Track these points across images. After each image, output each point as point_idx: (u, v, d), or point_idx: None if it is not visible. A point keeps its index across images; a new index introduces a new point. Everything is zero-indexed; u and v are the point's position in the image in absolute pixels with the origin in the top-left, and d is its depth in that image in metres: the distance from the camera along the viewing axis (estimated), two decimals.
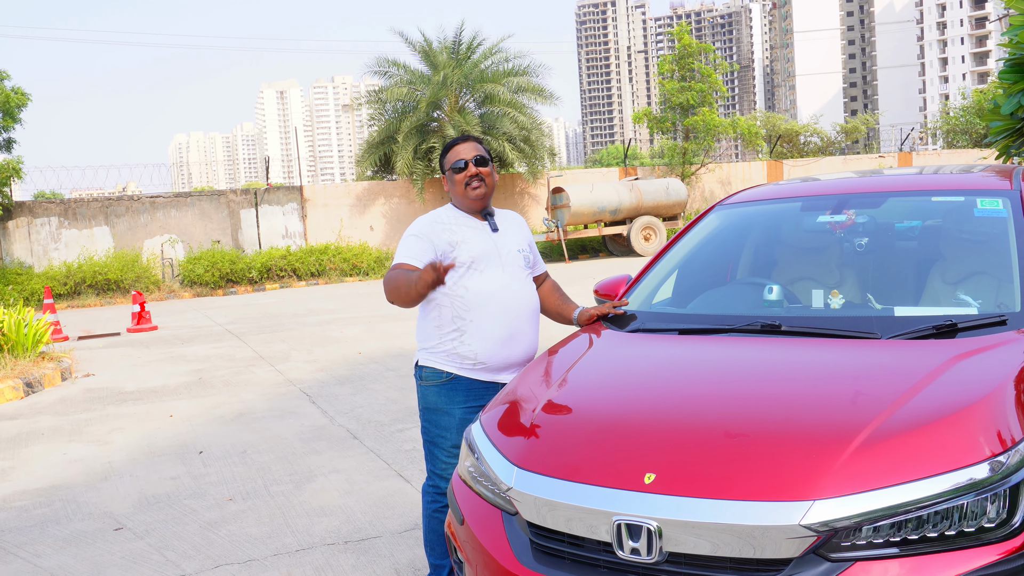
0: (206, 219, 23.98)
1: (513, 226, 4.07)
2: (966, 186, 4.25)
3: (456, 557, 3.21)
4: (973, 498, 2.45)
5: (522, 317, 3.91)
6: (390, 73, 26.65)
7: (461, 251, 3.82)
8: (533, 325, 3.99)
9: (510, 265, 3.91)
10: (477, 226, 3.93)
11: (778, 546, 2.47)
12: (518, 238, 4.03)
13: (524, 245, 4.03)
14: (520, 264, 3.96)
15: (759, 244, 4.57)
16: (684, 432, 2.85)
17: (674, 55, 30.72)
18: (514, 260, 3.95)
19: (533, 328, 3.99)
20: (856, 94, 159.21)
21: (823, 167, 32.34)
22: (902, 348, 3.18)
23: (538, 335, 4.05)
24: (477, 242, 3.86)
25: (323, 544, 4.89)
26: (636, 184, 25.34)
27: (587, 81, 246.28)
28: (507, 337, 3.85)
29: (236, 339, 13.33)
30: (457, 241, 3.83)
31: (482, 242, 3.87)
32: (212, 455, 6.84)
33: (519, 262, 3.96)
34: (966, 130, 39.92)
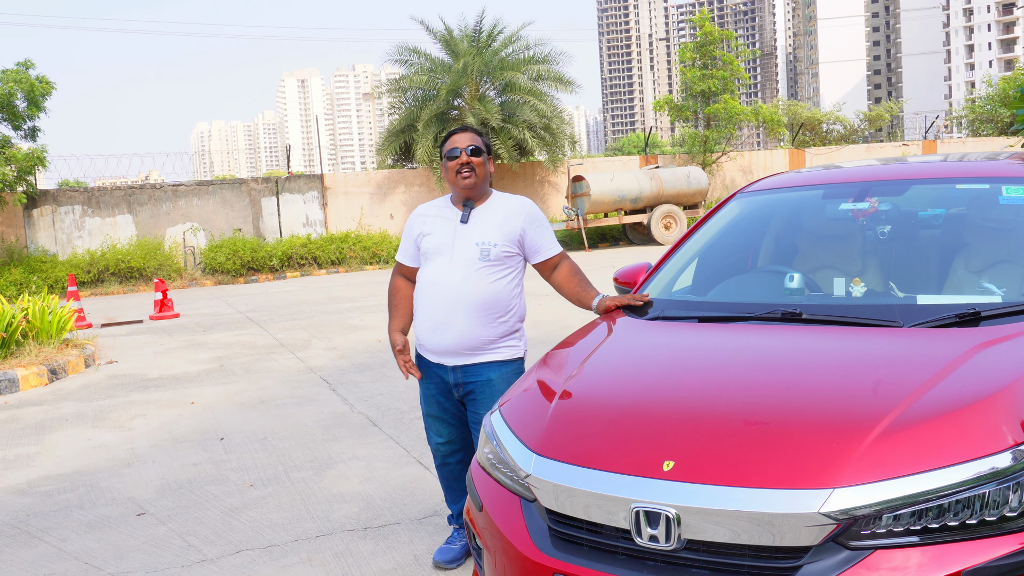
0: (227, 207, 24.08)
1: (495, 217, 4.16)
2: (991, 173, 4.20)
3: (475, 543, 3.22)
4: (995, 487, 2.43)
5: (455, 309, 4.06)
6: (411, 61, 26.64)
7: (424, 242, 4.21)
8: (471, 317, 4.06)
9: (460, 257, 4.08)
10: (451, 217, 4.20)
11: (797, 534, 2.47)
12: (491, 231, 4.11)
13: (494, 237, 4.10)
14: (472, 256, 4.07)
15: (780, 232, 4.54)
16: (703, 419, 2.84)
17: (695, 43, 30.53)
18: (466, 252, 4.08)
19: (471, 319, 4.06)
20: (880, 81, 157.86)
21: (846, 155, 32.11)
22: (924, 336, 3.15)
23: (484, 326, 4.08)
24: (438, 234, 4.17)
25: (343, 530, 4.92)
26: (657, 172, 25.24)
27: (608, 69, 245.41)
28: (436, 324, 4.12)
29: (257, 327, 13.40)
30: (425, 233, 4.21)
31: (443, 234, 4.16)
32: (233, 441, 6.88)
33: (472, 254, 4.07)
34: (992, 118, 39.49)
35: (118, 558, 4.72)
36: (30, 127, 22.07)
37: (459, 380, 4.16)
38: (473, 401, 4.15)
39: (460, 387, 4.17)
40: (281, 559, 4.57)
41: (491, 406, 4.02)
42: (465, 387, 4.16)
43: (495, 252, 4.09)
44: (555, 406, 3.13)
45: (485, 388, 4.11)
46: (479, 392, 4.12)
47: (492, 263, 4.09)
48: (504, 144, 25.10)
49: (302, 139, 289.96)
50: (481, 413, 4.11)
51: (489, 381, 4.11)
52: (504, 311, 4.14)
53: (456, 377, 4.16)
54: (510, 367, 4.17)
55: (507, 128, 25.18)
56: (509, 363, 4.18)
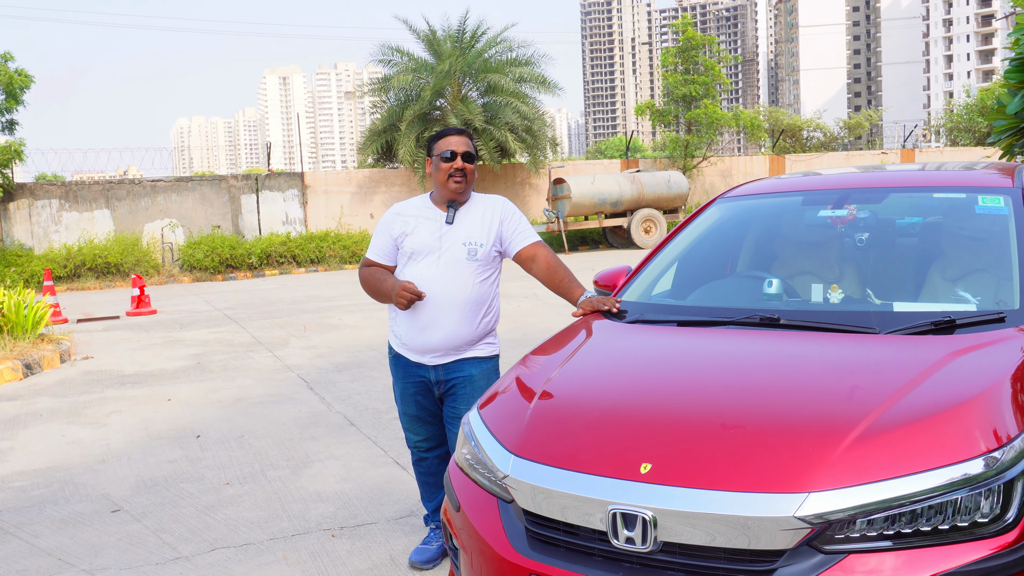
0: (207, 204, 23.96)
1: (477, 216, 4.21)
2: (968, 183, 4.25)
3: (452, 543, 3.22)
4: (967, 493, 2.46)
5: (443, 308, 4.10)
6: (394, 61, 26.58)
7: (406, 243, 4.17)
8: (460, 317, 4.12)
9: (447, 257, 4.11)
10: (434, 218, 4.19)
11: (772, 537, 2.49)
12: (475, 230, 4.17)
13: (479, 237, 4.16)
14: (460, 256, 4.12)
15: (760, 237, 4.57)
16: (681, 423, 2.86)
17: (678, 48, 30.65)
18: (454, 252, 4.13)
19: (459, 319, 4.12)
20: (860, 90, 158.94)
21: (825, 162, 32.30)
22: (900, 343, 3.18)
23: (473, 326, 4.15)
24: (422, 235, 4.15)
25: (319, 529, 4.91)
26: (637, 176, 25.31)
27: (591, 72, 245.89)
28: (424, 325, 4.13)
29: (235, 324, 13.34)
30: (407, 233, 4.18)
31: (427, 235, 4.15)
32: (210, 439, 6.85)
33: (459, 254, 4.12)
34: (969, 128, 39.84)
35: (92, 555, 4.69)
36: (8, 120, 21.90)
37: (441, 378, 4.20)
38: (453, 396, 4.21)
39: (442, 384, 4.22)
40: (257, 557, 4.56)
41: (470, 402, 4.13)
42: (447, 384, 4.20)
43: (482, 252, 4.14)
44: (534, 407, 3.14)
45: (466, 384, 4.18)
46: (460, 388, 4.18)
47: (479, 263, 4.14)
48: (486, 145, 25.09)
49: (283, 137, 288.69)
50: (460, 408, 4.17)
51: (471, 377, 4.18)
52: (488, 310, 4.22)
53: (438, 375, 4.20)
54: (489, 364, 4.26)
55: (489, 129, 25.18)
56: (488, 359, 4.26)
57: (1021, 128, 6.56)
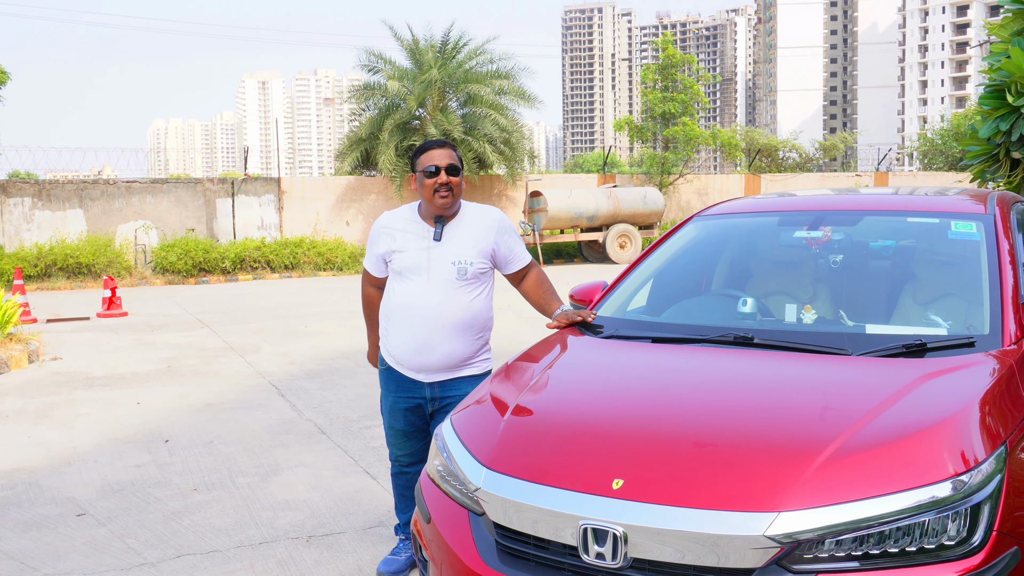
0: (181, 207, 23.80)
1: (468, 232, 4.10)
2: (941, 208, 4.30)
3: (421, 555, 3.21)
4: (935, 515, 2.49)
5: (438, 329, 4.02)
6: (377, 68, 26.54)
7: (395, 260, 4.09)
8: (454, 337, 4.05)
9: (436, 277, 4.01)
10: (422, 233, 4.08)
11: (742, 556, 2.50)
12: (465, 248, 4.06)
13: (469, 255, 4.05)
14: (450, 276, 4.02)
15: (735, 256, 4.61)
16: (653, 439, 2.87)
17: (657, 65, 30.82)
18: (444, 272, 4.02)
19: (453, 339, 4.05)
20: (836, 112, 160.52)
21: (800, 183, 32.55)
22: (872, 365, 3.21)
23: (467, 344, 4.10)
24: (411, 252, 4.06)
25: (287, 538, 4.87)
26: (614, 191, 25.40)
27: (570, 86, 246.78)
28: (418, 346, 4.05)
29: (207, 329, 13.25)
30: (395, 250, 4.10)
31: (416, 253, 4.05)
32: (178, 444, 6.79)
33: (449, 274, 4.02)
34: (943, 152, 40.33)
35: (55, 559, 4.64)
36: None
37: (436, 395, 4.13)
38: (444, 414, 4.10)
39: (436, 401, 4.14)
40: (223, 565, 4.52)
41: None
42: (442, 401, 4.14)
43: (471, 271, 4.05)
44: (507, 421, 3.14)
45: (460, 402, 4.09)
46: (454, 406, 4.07)
47: (469, 282, 4.05)
48: (464, 156, 25.09)
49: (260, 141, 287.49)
50: None
51: (466, 395, 4.06)
52: (482, 327, 4.15)
53: (433, 392, 4.13)
54: (482, 379, 4.17)
55: (468, 140, 25.18)
56: (483, 376, 4.19)
57: (993, 154, 6.65)
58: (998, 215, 4.00)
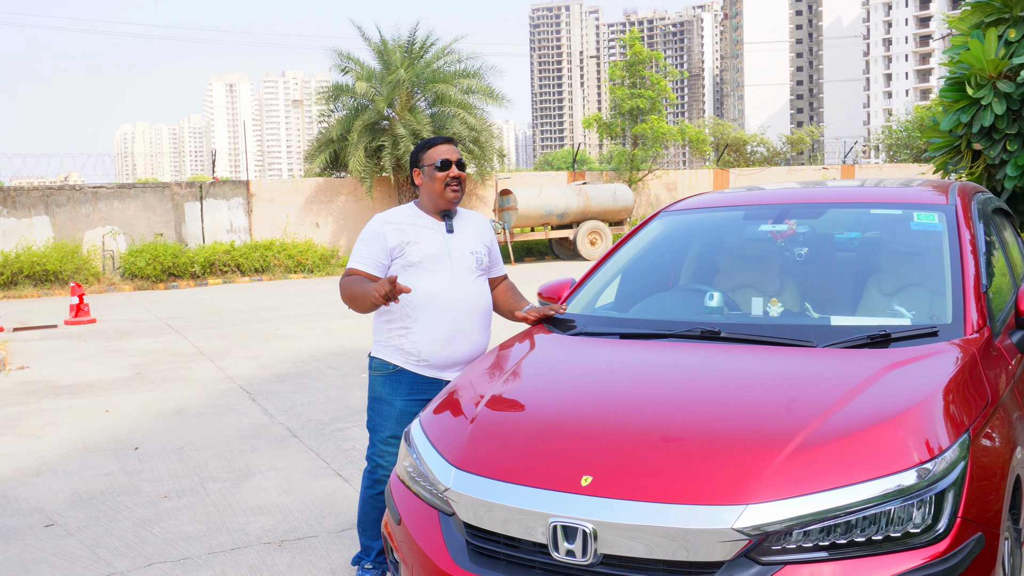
0: (149, 211, 23.59)
1: (472, 228, 4.14)
2: (904, 200, 4.34)
3: (392, 557, 3.20)
4: (900, 504, 2.51)
5: (467, 318, 3.98)
6: (345, 68, 26.43)
7: (411, 251, 3.94)
8: (479, 326, 4.04)
9: (459, 266, 3.98)
10: (432, 226, 4.04)
11: (711, 549, 2.51)
12: (474, 240, 4.10)
13: (479, 247, 4.10)
14: (471, 265, 4.03)
15: (702, 251, 4.63)
16: (621, 435, 2.88)
17: (625, 62, 30.92)
18: (465, 261, 4.02)
19: (479, 329, 4.04)
20: (803, 106, 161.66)
21: (768, 177, 32.76)
22: (837, 356, 3.24)
23: (487, 335, 4.11)
24: (428, 242, 3.97)
25: (259, 543, 4.84)
26: (584, 188, 25.45)
27: (539, 84, 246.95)
28: (450, 337, 3.94)
29: (177, 334, 13.14)
30: (409, 241, 3.96)
31: (433, 243, 3.98)
32: (148, 451, 6.73)
33: (470, 264, 4.03)
34: (907, 145, 40.74)
35: (23, 570, 4.58)
36: None
37: None
38: None
39: None
40: (194, 572, 4.48)
41: None
42: None
43: (484, 262, 4.11)
44: (475, 421, 3.14)
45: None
46: None
47: (482, 273, 4.10)
48: None
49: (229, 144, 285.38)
50: None
51: None
52: (491, 318, 4.15)
53: None
54: None
55: None
56: None
57: (955, 146, 6.71)
58: (959, 206, 4.04)
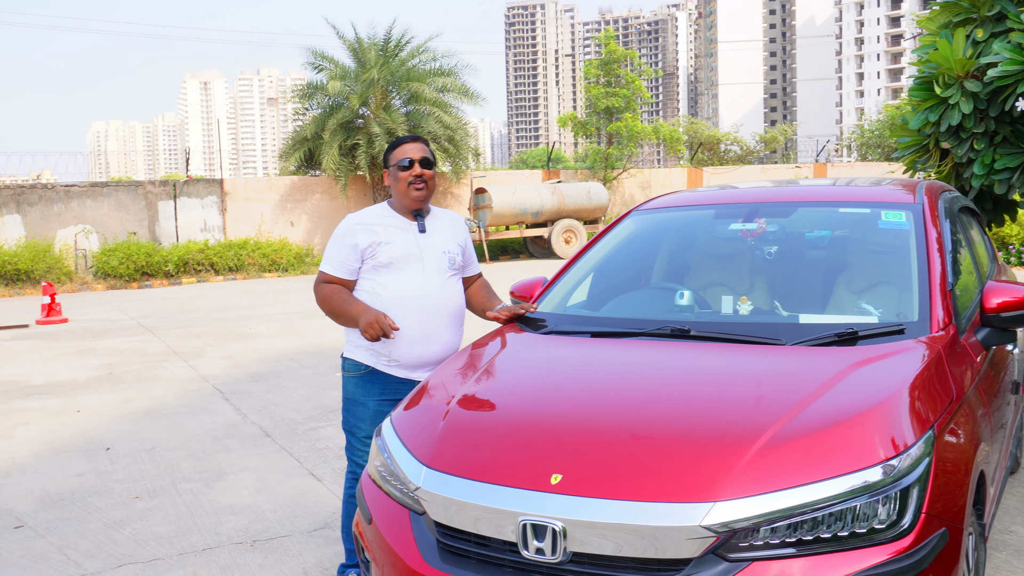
0: (122, 210, 23.40)
1: (446, 227, 4.12)
2: (872, 199, 4.38)
3: (363, 556, 3.20)
4: (866, 500, 2.54)
5: (438, 318, 3.96)
6: (320, 67, 26.32)
7: (382, 252, 3.92)
8: (451, 326, 4.03)
9: (431, 266, 3.97)
10: (404, 226, 4.02)
11: (679, 546, 2.53)
12: (447, 239, 4.07)
13: (453, 247, 4.07)
14: (444, 266, 4.01)
15: (673, 250, 4.65)
16: (591, 434, 2.89)
17: (600, 60, 30.97)
18: (437, 261, 4.00)
19: (451, 329, 4.03)
20: (776, 105, 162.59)
21: (742, 175, 32.92)
22: (805, 354, 3.27)
23: (459, 335, 4.10)
24: (399, 243, 3.95)
25: (231, 543, 4.83)
26: (558, 187, 25.48)
27: (514, 83, 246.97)
28: (421, 337, 3.92)
29: (149, 333, 13.06)
30: (380, 242, 3.94)
31: (405, 243, 3.96)
32: (120, 452, 6.69)
33: (442, 264, 4.01)
34: (879, 144, 41.05)
35: None
36: None
37: None
38: None
39: None
40: (165, 573, 4.46)
41: None
42: None
43: (457, 261, 4.08)
44: (446, 420, 3.14)
45: None
46: None
47: (456, 272, 4.08)
48: None
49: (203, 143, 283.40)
50: None
51: None
52: (463, 320, 4.14)
53: None
54: None
55: None
56: None
57: (923, 145, 6.78)
58: (926, 204, 4.08)
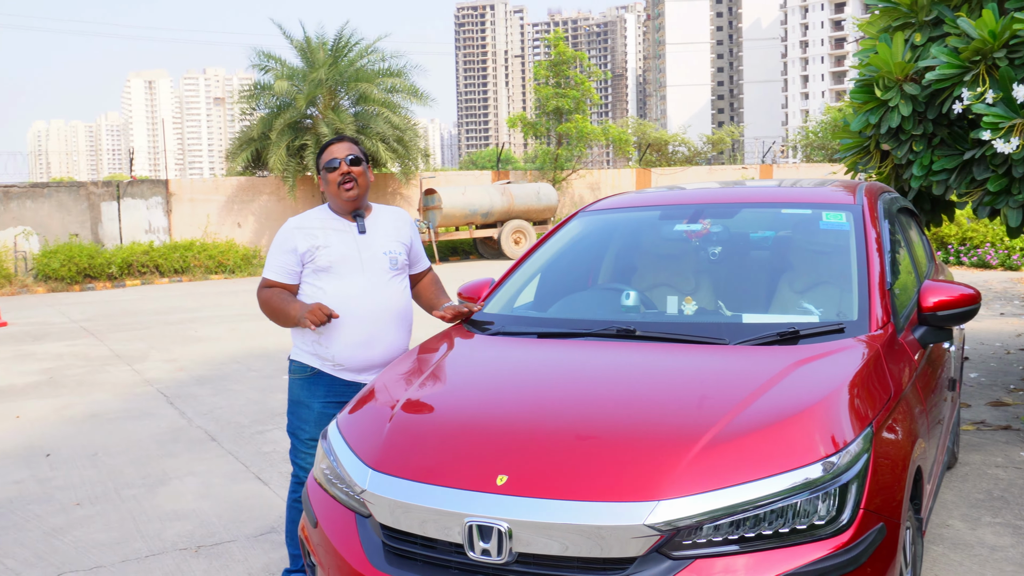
0: (64, 211, 22.98)
1: (388, 226, 4.07)
2: (813, 199, 4.44)
3: (309, 560, 3.18)
4: (807, 497, 2.57)
5: (381, 321, 3.93)
6: (267, 67, 26.06)
7: (320, 256, 3.89)
8: (396, 328, 4.00)
9: (372, 268, 3.92)
10: (343, 228, 3.97)
11: (624, 545, 2.54)
12: (389, 239, 4.02)
13: (395, 246, 4.02)
14: (385, 266, 3.97)
15: (619, 251, 4.68)
16: (537, 434, 2.90)
17: (549, 61, 31.07)
18: (377, 263, 3.96)
19: (396, 331, 4.00)
20: (723, 106, 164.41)
21: (689, 176, 33.23)
22: (748, 353, 3.30)
23: (406, 336, 4.06)
24: (338, 245, 3.91)
25: (175, 549, 4.76)
26: (508, 188, 25.51)
27: (464, 84, 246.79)
28: (364, 340, 3.90)
29: (92, 337, 12.83)
30: (318, 245, 3.90)
31: (343, 245, 3.92)
32: (60, 458, 6.56)
33: (383, 264, 3.97)
34: (823, 145, 41.68)
35: None
36: None
37: None
38: None
39: None
40: None
41: None
42: None
43: (400, 261, 4.01)
44: (392, 422, 3.13)
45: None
46: None
47: (399, 272, 4.02)
48: None
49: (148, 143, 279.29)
50: None
51: None
52: (410, 320, 4.10)
53: None
54: None
55: (360, 139, 24.93)
56: None
57: (865, 146, 6.88)
58: (866, 205, 4.15)
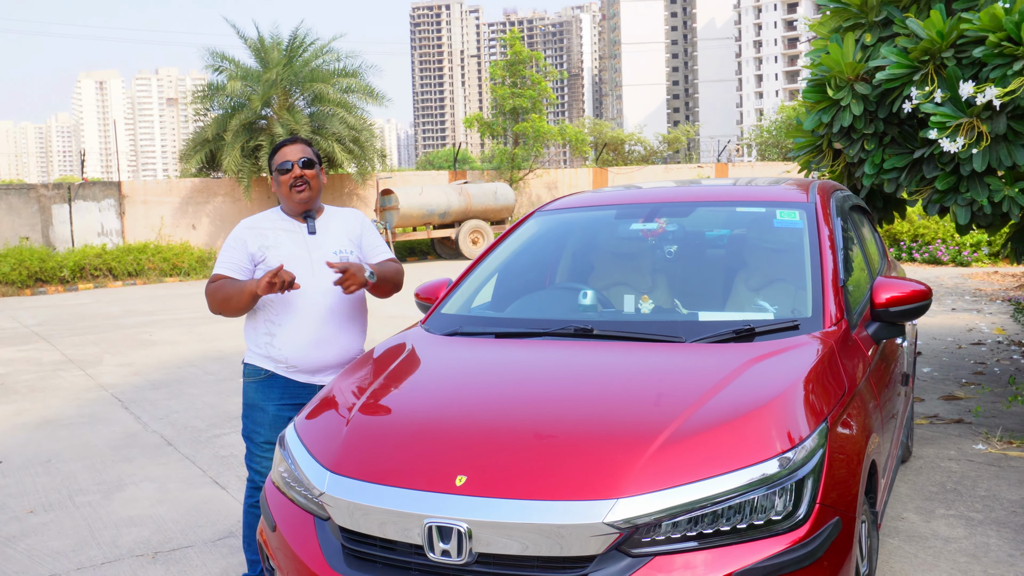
0: (13, 214, 22.59)
1: (338, 226, 4.04)
2: (767, 198, 4.49)
3: (268, 564, 3.16)
4: (764, 492, 2.60)
5: (332, 322, 3.90)
6: (221, 67, 25.81)
7: (271, 256, 3.87)
8: (349, 328, 3.97)
9: (322, 269, 3.87)
10: (293, 229, 3.96)
11: (583, 544, 2.56)
12: (339, 238, 3.99)
13: (346, 244, 3.98)
14: None
15: (576, 250, 4.69)
16: (495, 434, 2.91)
17: (506, 61, 31.10)
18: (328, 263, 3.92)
19: (349, 331, 3.97)
20: (679, 105, 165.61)
21: (646, 175, 33.43)
22: (704, 351, 3.34)
23: (360, 337, 4.04)
24: (288, 246, 3.89)
25: (131, 556, 4.70)
26: (465, 188, 25.50)
27: (420, 84, 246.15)
28: (316, 342, 3.87)
29: (44, 342, 12.63)
30: (268, 246, 3.89)
31: (293, 246, 3.90)
32: (12, 465, 6.45)
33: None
34: (777, 144, 42.13)
35: None
36: None
37: None
38: None
39: None
40: None
41: None
42: None
43: (352, 260, 3.96)
44: (350, 424, 3.12)
45: None
46: None
47: None
48: None
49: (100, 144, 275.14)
50: None
51: None
52: (364, 320, 4.08)
53: None
54: None
55: (316, 140, 24.78)
56: None
57: (817, 145, 6.98)
58: (819, 203, 4.20)
